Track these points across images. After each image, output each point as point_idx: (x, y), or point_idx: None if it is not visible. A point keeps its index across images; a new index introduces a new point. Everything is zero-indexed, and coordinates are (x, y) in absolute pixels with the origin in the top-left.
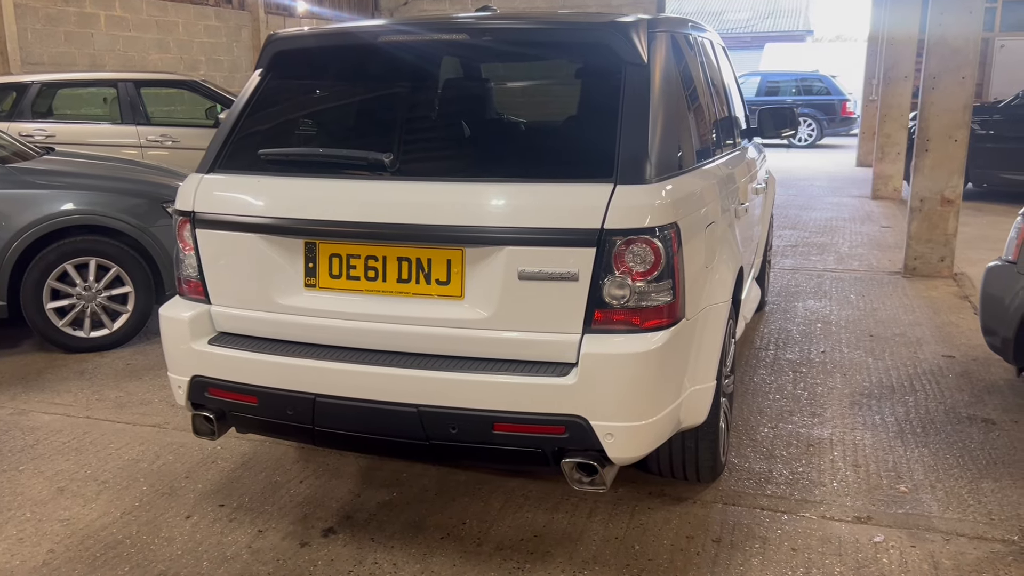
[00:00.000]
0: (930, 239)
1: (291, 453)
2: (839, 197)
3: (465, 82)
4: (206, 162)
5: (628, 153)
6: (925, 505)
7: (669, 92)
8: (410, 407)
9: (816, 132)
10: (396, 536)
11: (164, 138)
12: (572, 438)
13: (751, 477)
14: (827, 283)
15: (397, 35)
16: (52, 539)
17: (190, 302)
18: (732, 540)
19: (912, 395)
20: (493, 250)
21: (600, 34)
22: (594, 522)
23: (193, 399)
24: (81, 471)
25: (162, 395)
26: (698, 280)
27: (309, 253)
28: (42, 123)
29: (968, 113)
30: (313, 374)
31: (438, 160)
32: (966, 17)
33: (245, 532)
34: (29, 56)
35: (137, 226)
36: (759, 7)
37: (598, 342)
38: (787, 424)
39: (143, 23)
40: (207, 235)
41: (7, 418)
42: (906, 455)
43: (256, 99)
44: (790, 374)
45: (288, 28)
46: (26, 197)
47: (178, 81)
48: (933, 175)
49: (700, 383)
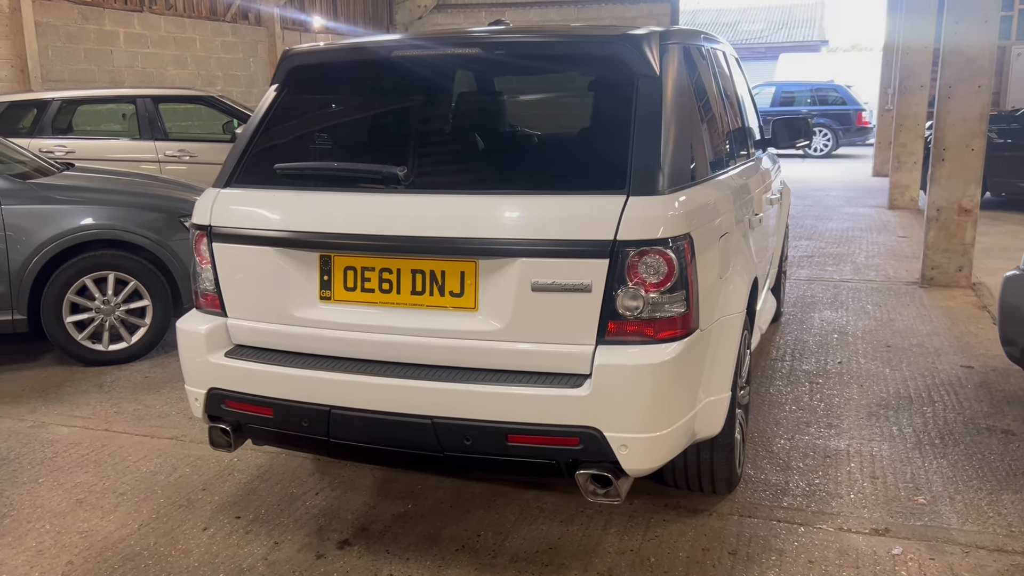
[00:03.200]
0: (947, 249)
1: (307, 465)
2: (855, 207)
3: (478, 95)
4: (223, 176)
5: (641, 164)
6: (944, 517)
7: (682, 104)
8: (424, 419)
9: (831, 142)
10: (411, 548)
11: (182, 153)
12: (586, 450)
13: (767, 489)
14: (843, 293)
15: (411, 50)
16: (71, 551)
17: (207, 315)
18: (748, 552)
19: (930, 406)
20: (506, 262)
21: (613, 47)
22: (609, 534)
23: (210, 411)
24: (100, 483)
25: (179, 407)
26: (712, 291)
27: (324, 266)
28: (62, 139)
29: (984, 122)
30: (328, 386)
31: (452, 173)
32: (981, 26)
33: (261, 544)
34: (50, 73)
35: (155, 240)
36: (773, 18)
37: (612, 353)
38: (804, 435)
39: (161, 40)
40: (224, 249)
41: (27, 431)
42: (924, 466)
43: (272, 114)
44: (806, 385)
45: (304, 43)
46: (47, 212)
47: (196, 97)
48: (950, 184)
49: (715, 394)
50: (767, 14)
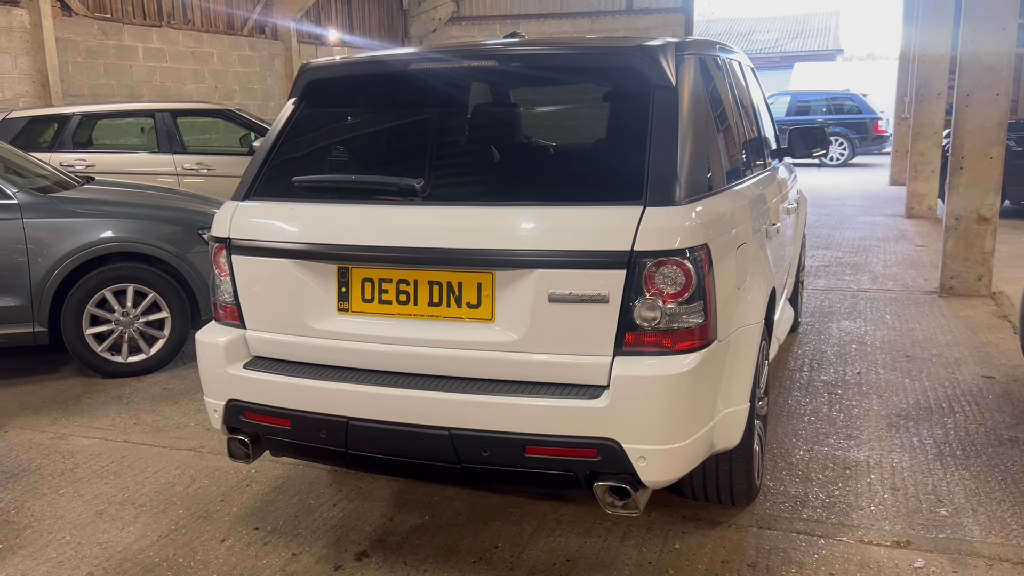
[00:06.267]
0: (967, 258)
1: (324, 476)
2: (872, 216)
3: (494, 107)
4: (241, 189)
5: (657, 175)
6: (967, 529)
7: (698, 114)
8: (442, 430)
9: (848, 151)
10: (429, 560)
11: (200, 166)
12: (604, 461)
13: (787, 500)
14: (861, 303)
15: (427, 63)
16: (91, 562)
17: (225, 327)
18: (768, 565)
19: (951, 417)
20: (523, 273)
21: (628, 57)
22: (627, 546)
23: (228, 423)
24: (119, 494)
25: (198, 419)
26: (730, 301)
27: (342, 278)
28: (82, 153)
29: (1003, 130)
30: (346, 397)
31: (468, 185)
32: (999, 34)
33: (279, 555)
34: (70, 88)
35: (174, 253)
36: (788, 27)
37: (629, 364)
38: (823, 446)
39: (179, 54)
40: (242, 261)
41: (48, 442)
42: (946, 478)
43: (290, 127)
44: (825, 396)
45: (320, 57)
46: (67, 226)
47: (213, 110)
48: (968, 193)
49: (733, 405)
50: (781, 23)
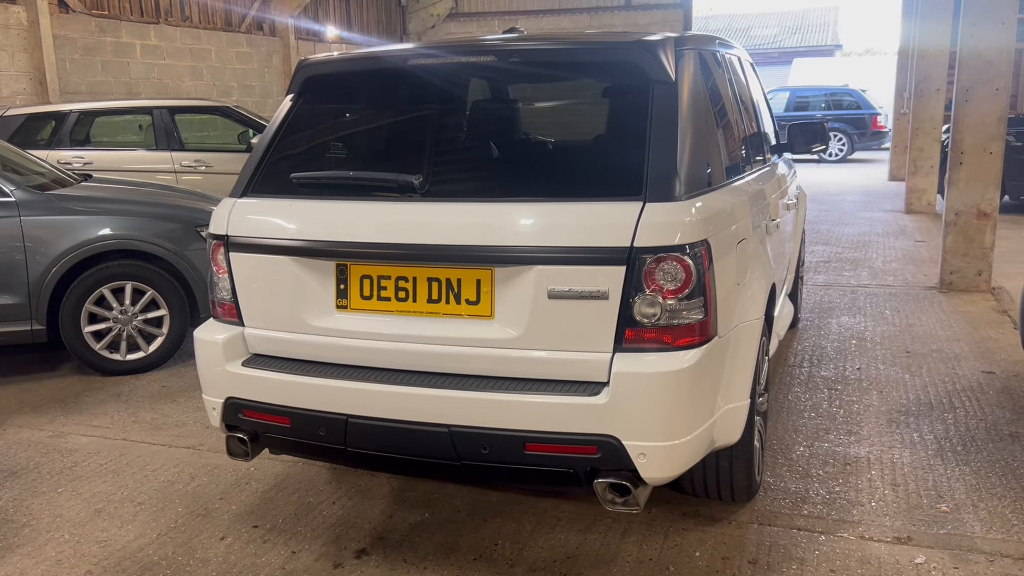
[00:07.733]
0: (966, 253)
1: (323, 474)
2: (872, 212)
3: (493, 103)
4: (239, 186)
5: (657, 171)
6: (967, 525)
7: (697, 109)
8: (441, 427)
9: (847, 147)
10: (429, 557)
11: (198, 163)
12: (605, 458)
13: (787, 497)
14: (861, 299)
15: (426, 58)
16: (90, 560)
17: (224, 324)
18: (769, 561)
19: (951, 412)
20: (523, 269)
21: (627, 53)
22: (628, 543)
23: (227, 420)
24: (118, 492)
25: (197, 417)
26: (730, 297)
27: (341, 275)
28: (80, 150)
29: (1003, 125)
30: (345, 395)
31: (467, 181)
32: (999, 28)
33: (279, 553)
34: (67, 85)
35: (172, 250)
36: (787, 22)
37: (629, 361)
38: (823, 442)
39: (177, 51)
40: (240, 258)
41: (46, 441)
42: (947, 474)
43: (288, 124)
44: (825, 392)
45: (318, 53)
46: (65, 223)
47: (211, 107)
48: (968, 188)
49: (734, 401)
50: (780, 19)
